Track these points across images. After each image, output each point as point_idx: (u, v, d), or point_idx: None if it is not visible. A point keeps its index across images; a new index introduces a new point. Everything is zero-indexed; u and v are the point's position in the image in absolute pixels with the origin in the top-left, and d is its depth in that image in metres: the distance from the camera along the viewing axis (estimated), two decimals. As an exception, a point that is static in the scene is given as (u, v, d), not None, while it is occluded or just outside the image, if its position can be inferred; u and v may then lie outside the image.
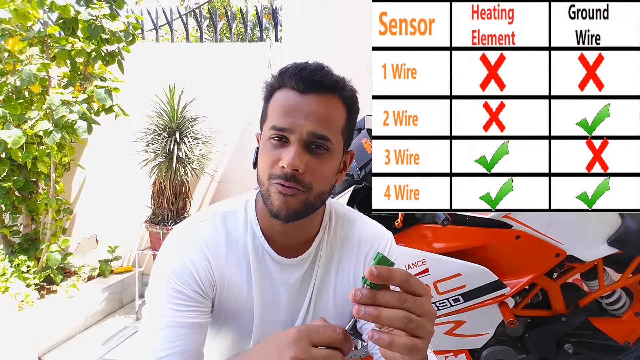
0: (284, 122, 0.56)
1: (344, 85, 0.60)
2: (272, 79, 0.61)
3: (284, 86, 0.59)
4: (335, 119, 0.59)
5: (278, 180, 0.56)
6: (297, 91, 0.57)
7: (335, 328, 0.41)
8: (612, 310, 1.39)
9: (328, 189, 0.61)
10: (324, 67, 0.59)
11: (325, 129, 0.57)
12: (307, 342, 0.41)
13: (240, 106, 2.68)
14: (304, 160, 0.56)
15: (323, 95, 0.58)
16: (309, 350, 0.40)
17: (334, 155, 0.60)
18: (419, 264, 1.19)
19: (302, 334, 0.41)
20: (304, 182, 0.56)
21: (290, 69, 0.58)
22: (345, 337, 0.42)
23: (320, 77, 0.57)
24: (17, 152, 2.14)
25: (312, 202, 0.58)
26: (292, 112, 0.56)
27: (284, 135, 0.56)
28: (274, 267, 0.65)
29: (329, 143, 0.57)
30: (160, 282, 0.59)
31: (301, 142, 0.56)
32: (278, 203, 0.56)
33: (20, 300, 2.08)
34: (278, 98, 0.59)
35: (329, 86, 0.58)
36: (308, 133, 0.56)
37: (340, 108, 0.60)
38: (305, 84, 0.56)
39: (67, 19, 2.14)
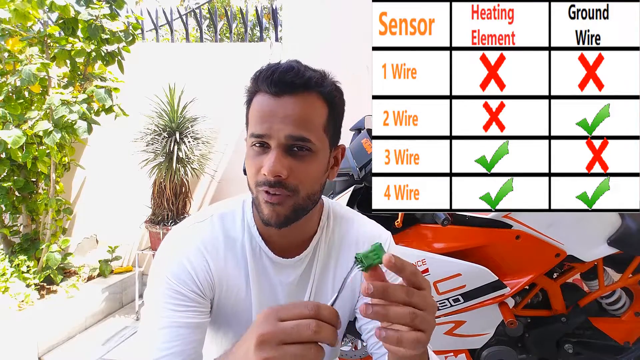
0: (261, 129, 0.55)
1: (321, 81, 0.58)
2: (250, 83, 0.60)
3: (259, 91, 0.58)
4: (314, 117, 0.57)
5: (264, 187, 0.55)
6: (271, 95, 0.56)
7: (307, 304, 0.39)
8: (612, 310, 1.39)
9: (318, 188, 0.60)
10: (294, 66, 0.57)
11: (304, 130, 0.55)
12: (275, 318, 0.39)
13: (240, 106, 2.61)
14: (286, 164, 0.55)
15: (298, 95, 0.56)
16: (275, 324, 0.38)
17: (318, 155, 0.58)
18: (419, 264, 1.19)
19: (269, 312, 0.40)
20: (290, 186, 0.55)
21: (263, 72, 0.57)
22: (318, 309, 0.39)
23: (292, 78, 0.55)
24: (16, 152, 2.14)
25: (302, 204, 0.58)
26: (268, 117, 0.55)
27: (264, 142, 0.56)
28: (271, 267, 0.65)
29: (310, 144, 0.56)
30: (158, 282, 0.59)
31: (281, 147, 0.55)
32: (267, 212, 0.56)
33: (20, 300, 2.08)
34: (255, 103, 0.58)
35: (302, 85, 0.56)
36: (286, 137, 0.54)
37: (319, 105, 0.58)
38: (277, 86, 0.55)
39: (67, 19, 2.14)
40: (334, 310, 0.40)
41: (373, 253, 0.43)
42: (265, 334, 0.38)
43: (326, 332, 0.38)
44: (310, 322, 0.38)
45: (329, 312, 0.39)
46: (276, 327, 0.38)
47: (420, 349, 0.41)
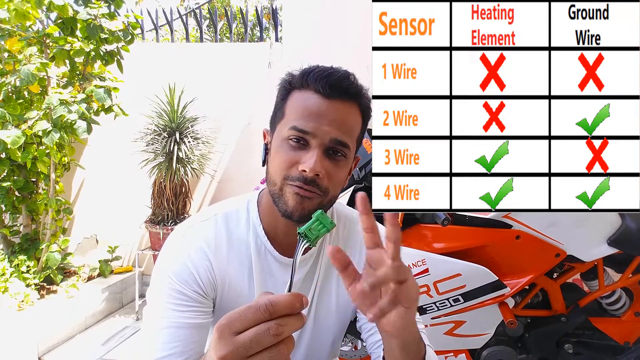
0: (306, 125, 0.56)
1: (364, 95, 0.61)
2: (291, 77, 0.61)
3: (306, 87, 0.58)
4: (355, 126, 0.60)
5: (296, 182, 0.56)
6: (321, 95, 0.57)
7: (259, 305, 0.35)
8: (612, 310, 1.39)
9: (339, 193, 0.62)
10: (350, 74, 0.60)
11: (347, 136, 0.58)
12: (230, 334, 0.35)
13: (240, 106, 2.68)
14: (325, 165, 0.56)
15: (346, 102, 0.58)
16: (232, 341, 0.35)
17: (349, 162, 0.61)
18: (419, 264, 1.19)
19: (222, 328, 0.36)
20: (322, 186, 0.57)
21: (316, 71, 0.58)
22: (273, 307, 0.35)
23: (347, 85, 0.58)
24: (16, 152, 2.14)
25: (325, 205, 0.59)
26: (317, 116, 0.56)
27: (304, 138, 0.56)
28: (276, 266, 0.65)
29: (347, 150, 0.58)
30: (161, 282, 0.59)
31: (322, 147, 0.56)
32: (294, 204, 0.56)
33: (20, 300, 2.08)
34: (300, 98, 0.58)
35: (353, 94, 0.59)
36: (331, 139, 0.56)
37: (358, 116, 0.61)
38: (332, 89, 0.57)
39: (65, 19, 2.14)
40: (291, 296, 0.36)
41: (317, 224, 0.40)
42: (226, 356, 0.35)
43: (290, 327, 0.35)
44: (269, 326, 0.35)
45: (284, 303, 0.35)
46: (234, 345, 0.35)
47: (408, 327, 0.42)
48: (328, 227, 0.41)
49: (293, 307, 0.36)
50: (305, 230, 0.40)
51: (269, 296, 0.36)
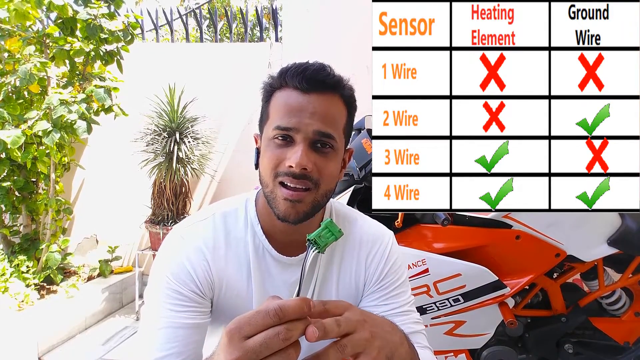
0: (289, 122, 0.56)
1: (345, 85, 0.61)
2: (271, 79, 0.61)
3: (285, 86, 0.59)
4: (338, 117, 0.60)
5: (285, 177, 0.56)
6: (300, 91, 0.57)
7: (269, 310, 0.36)
8: (612, 310, 1.39)
9: (333, 186, 0.61)
10: (326, 66, 0.59)
11: (330, 127, 0.57)
12: (239, 338, 0.36)
13: (240, 106, 2.68)
14: (312, 158, 0.56)
15: (326, 94, 0.58)
16: (241, 346, 0.35)
17: (338, 154, 0.60)
18: (419, 264, 1.19)
19: (232, 333, 0.36)
20: (312, 178, 0.56)
21: (292, 68, 0.58)
22: (282, 312, 0.36)
23: (324, 77, 0.58)
24: (16, 152, 2.14)
25: (320, 200, 0.59)
26: (297, 111, 0.56)
27: (288, 135, 0.56)
28: (274, 266, 0.65)
29: (334, 141, 0.58)
30: (158, 282, 0.59)
31: (307, 141, 0.56)
32: (284, 209, 0.57)
33: (20, 300, 2.08)
34: (281, 98, 0.59)
35: (331, 85, 0.58)
36: (314, 132, 0.56)
37: (342, 107, 0.61)
38: (308, 83, 0.57)
39: (65, 19, 2.14)
40: (299, 301, 0.37)
41: (326, 231, 0.41)
42: None
43: (298, 331, 0.36)
44: (279, 330, 0.35)
45: (293, 308, 0.36)
46: (244, 350, 0.35)
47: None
48: (337, 235, 0.42)
49: (302, 311, 0.36)
50: (315, 237, 0.41)
51: (278, 301, 0.37)
